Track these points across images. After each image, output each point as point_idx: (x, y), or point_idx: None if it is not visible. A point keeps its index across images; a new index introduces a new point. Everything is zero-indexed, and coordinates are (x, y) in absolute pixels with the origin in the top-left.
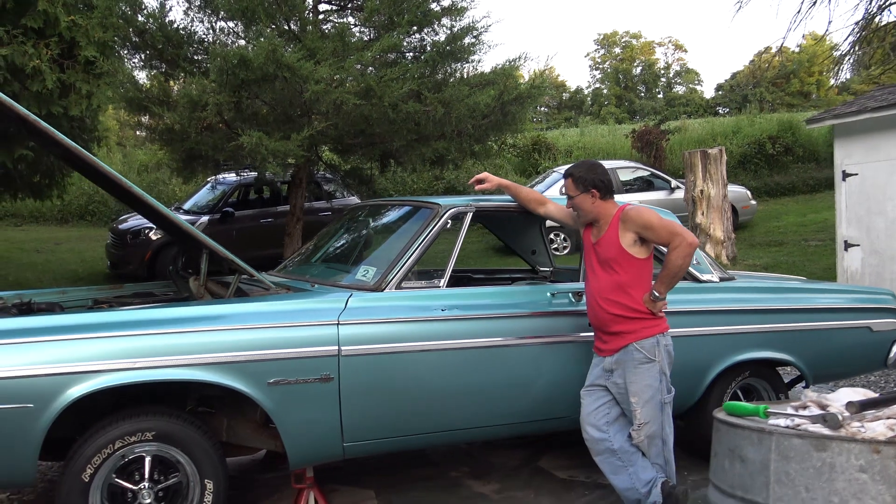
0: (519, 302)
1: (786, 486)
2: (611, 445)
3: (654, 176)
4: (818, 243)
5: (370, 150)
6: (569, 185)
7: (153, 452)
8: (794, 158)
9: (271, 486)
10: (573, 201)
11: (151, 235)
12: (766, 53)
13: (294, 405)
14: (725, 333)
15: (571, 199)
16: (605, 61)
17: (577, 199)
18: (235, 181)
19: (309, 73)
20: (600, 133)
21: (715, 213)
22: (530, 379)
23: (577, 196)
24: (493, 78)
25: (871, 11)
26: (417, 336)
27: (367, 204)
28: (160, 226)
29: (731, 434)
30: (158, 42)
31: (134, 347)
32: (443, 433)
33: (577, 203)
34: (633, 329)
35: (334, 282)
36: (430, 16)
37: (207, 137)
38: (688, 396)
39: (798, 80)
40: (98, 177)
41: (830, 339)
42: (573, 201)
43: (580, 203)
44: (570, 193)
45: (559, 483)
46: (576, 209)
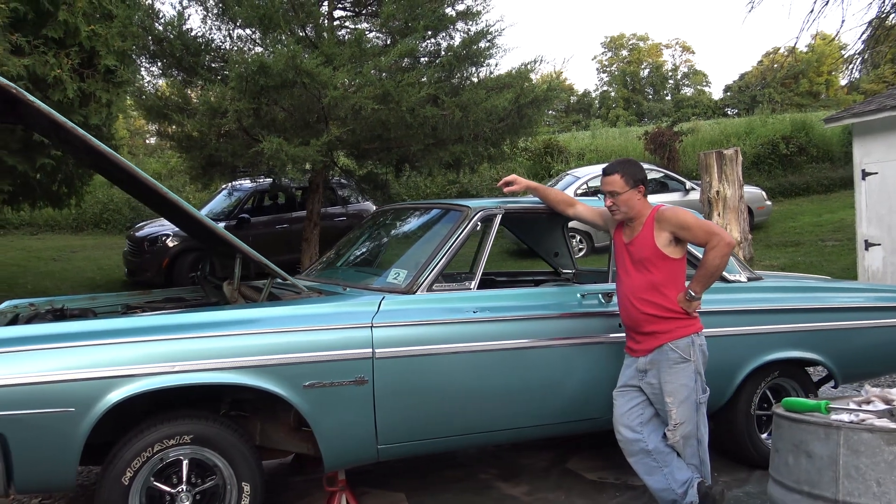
0: (549, 303)
1: (856, 481)
2: (645, 446)
3: (668, 177)
4: (835, 243)
5: (387, 155)
6: (616, 181)
7: (190, 456)
8: (808, 158)
9: (302, 490)
10: (620, 197)
11: (168, 242)
12: (776, 54)
13: (329, 408)
14: (755, 333)
15: (618, 195)
16: (613, 64)
17: (625, 196)
18: (251, 188)
19: (328, 78)
20: (611, 135)
21: (731, 214)
22: (562, 380)
23: (626, 192)
24: (508, 81)
25: (885, 10)
26: (450, 338)
27: (392, 208)
28: (191, 231)
29: (794, 430)
30: (177, 50)
31: (173, 351)
32: (476, 435)
33: (625, 199)
34: (668, 329)
35: (366, 285)
36: (445, 20)
37: (226, 144)
38: (718, 397)
39: (807, 80)
40: (130, 183)
41: (859, 339)
42: (620, 197)
43: (628, 199)
44: (618, 190)
45: (589, 484)
46: (619, 207)
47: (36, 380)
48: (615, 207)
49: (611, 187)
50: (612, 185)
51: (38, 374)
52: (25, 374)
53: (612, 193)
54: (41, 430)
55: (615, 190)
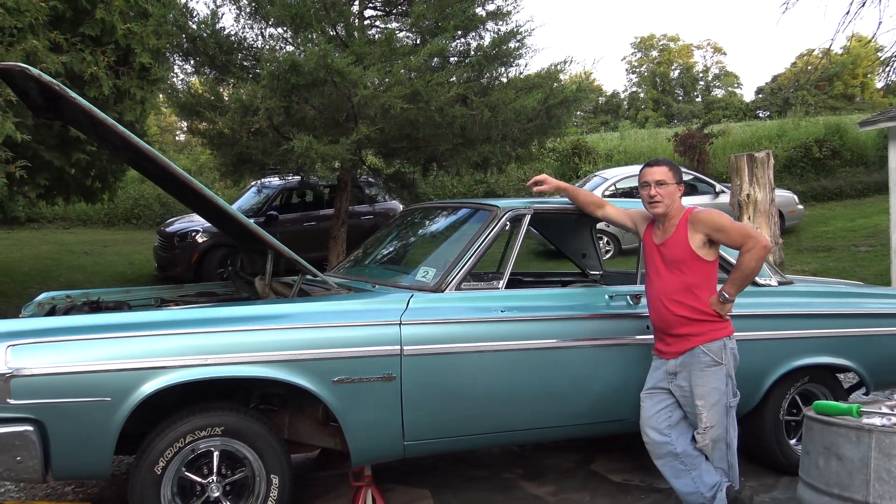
0: (577, 304)
1: (887, 484)
2: (673, 449)
3: (698, 180)
4: (868, 248)
5: (415, 154)
6: (665, 172)
7: (221, 447)
8: (842, 162)
9: (328, 484)
10: (667, 188)
11: (198, 238)
12: (810, 55)
13: (357, 403)
14: (784, 338)
15: (665, 185)
16: (642, 65)
17: (671, 188)
18: (280, 185)
19: (358, 78)
20: (640, 137)
21: (762, 217)
22: (589, 381)
23: (672, 185)
24: (538, 81)
25: None
26: (477, 337)
27: (421, 207)
28: (222, 227)
29: (825, 432)
30: (210, 49)
31: (206, 344)
32: (502, 433)
33: (671, 192)
34: (700, 332)
35: (394, 282)
36: (475, 20)
37: (257, 141)
38: (747, 401)
39: (842, 82)
40: (164, 179)
41: (891, 346)
42: (667, 188)
43: (673, 192)
44: (667, 181)
45: (615, 486)
46: (663, 198)
47: (74, 369)
48: (659, 198)
49: (660, 177)
50: (662, 175)
51: (76, 364)
52: (64, 363)
53: (660, 183)
54: (78, 418)
55: (663, 180)
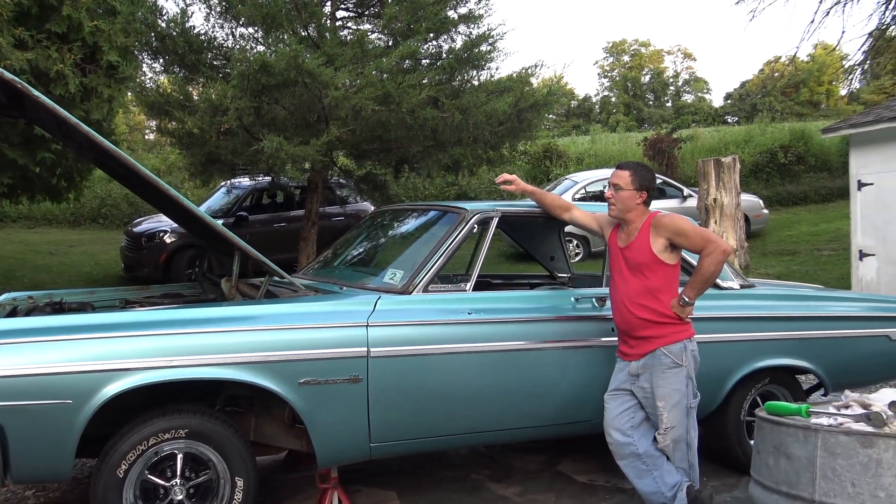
0: (544, 306)
1: (832, 482)
2: (636, 449)
3: (666, 184)
4: (831, 253)
5: (386, 156)
6: (624, 176)
7: (185, 450)
8: (807, 168)
9: (294, 487)
10: (621, 193)
11: (166, 239)
12: (777, 62)
13: (323, 405)
14: (746, 340)
15: (620, 190)
16: (614, 69)
17: (626, 193)
18: (250, 185)
19: (329, 79)
20: (611, 141)
21: (728, 221)
22: (554, 382)
23: (628, 191)
24: (509, 85)
25: (885, 22)
26: (445, 339)
27: (390, 209)
28: (189, 228)
29: (775, 432)
30: (179, 47)
31: (171, 346)
32: (468, 435)
33: (625, 197)
34: (662, 334)
35: (362, 284)
36: (448, 23)
37: (227, 142)
38: (709, 402)
39: (808, 89)
40: (131, 179)
41: (850, 348)
42: (621, 193)
43: (627, 198)
44: (622, 185)
45: (580, 487)
46: (616, 202)
47: (34, 371)
48: (613, 201)
49: (617, 180)
50: (620, 179)
51: (37, 365)
52: (24, 365)
53: (616, 187)
54: (38, 421)
55: (619, 184)
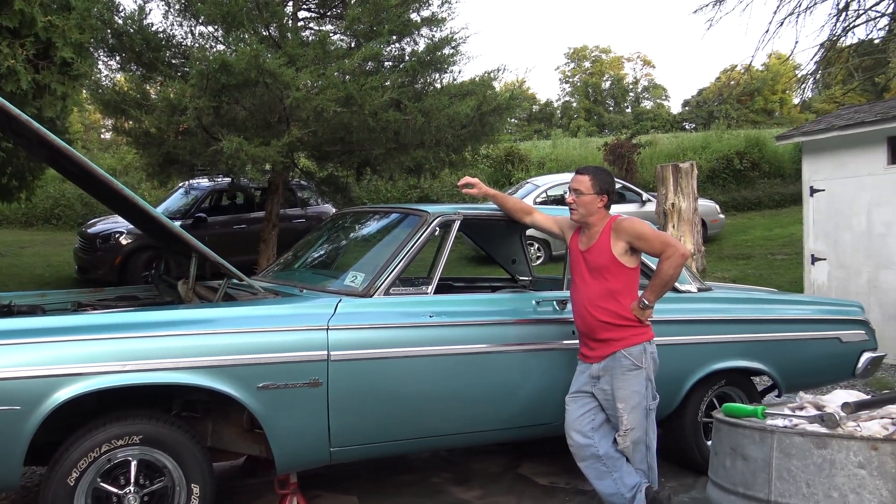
0: (505, 309)
1: (787, 482)
2: (596, 451)
3: (626, 189)
4: (784, 257)
5: (348, 158)
6: (584, 181)
7: (139, 456)
8: (761, 174)
9: (253, 492)
10: (582, 198)
11: (122, 240)
12: (733, 71)
13: (282, 410)
14: (704, 343)
15: (581, 195)
16: (575, 75)
17: (587, 198)
18: (208, 186)
19: (290, 79)
20: (572, 145)
21: (685, 226)
22: (516, 385)
23: (589, 195)
24: (471, 88)
25: (836, 33)
26: (406, 342)
27: (352, 211)
28: (145, 229)
29: (732, 434)
30: (137, 45)
31: (123, 350)
32: (429, 439)
33: (586, 202)
34: (622, 336)
35: (323, 287)
36: (410, 26)
37: (185, 142)
38: (667, 404)
39: (762, 97)
40: (84, 179)
41: (803, 350)
42: (582, 198)
43: (588, 202)
44: (583, 190)
45: (541, 489)
46: (578, 207)
47: None
48: (574, 206)
49: (578, 185)
50: (580, 184)
51: None
52: None
53: (577, 192)
54: None
55: (580, 189)
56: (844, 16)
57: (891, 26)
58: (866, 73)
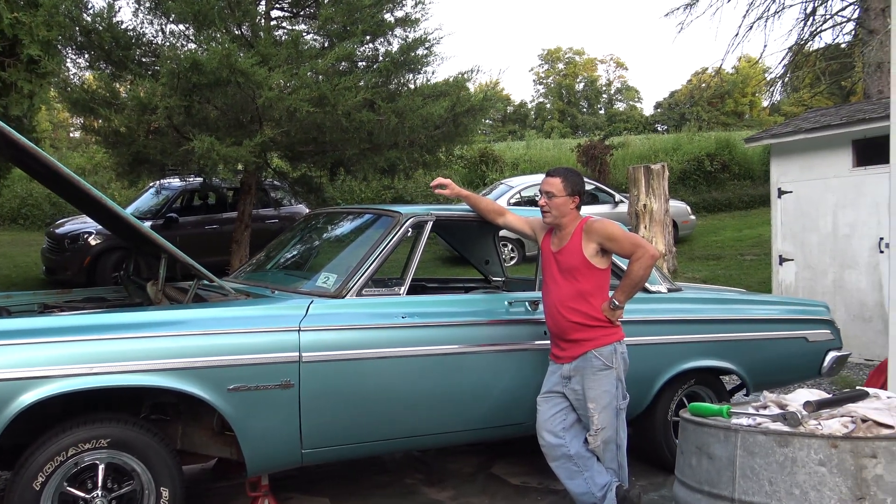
0: (477, 310)
1: (750, 480)
2: (567, 451)
3: (599, 189)
4: (753, 257)
5: (321, 158)
6: (556, 184)
7: (107, 460)
8: (731, 175)
9: (224, 495)
10: (555, 200)
11: (91, 240)
12: (704, 74)
13: (254, 412)
14: (673, 343)
15: (554, 197)
16: (549, 76)
17: (559, 200)
18: (180, 186)
19: (263, 79)
20: (545, 147)
21: (657, 226)
22: (488, 386)
23: (561, 197)
24: (445, 89)
25: (803, 37)
26: (378, 343)
27: (324, 211)
28: (114, 230)
29: (698, 433)
30: (106, 43)
31: (91, 352)
32: (402, 440)
33: (559, 204)
34: (592, 337)
35: (294, 288)
36: (384, 26)
37: (155, 141)
38: (637, 403)
39: (733, 100)
40: (51, 179)
41: (770, 349)
42: (555, 200)
43: (561, 204)
44: (556, 193)
45: (513, 489)
46: (551, 209)
47: None
48: (547, 209)
49: (549, 188)
50: (552, 186)
51: None
52: None
53: (549, 194)
54: None
55: (552, 192)
56: (812, 20)
57: (856, 31)
58: (833, 77)
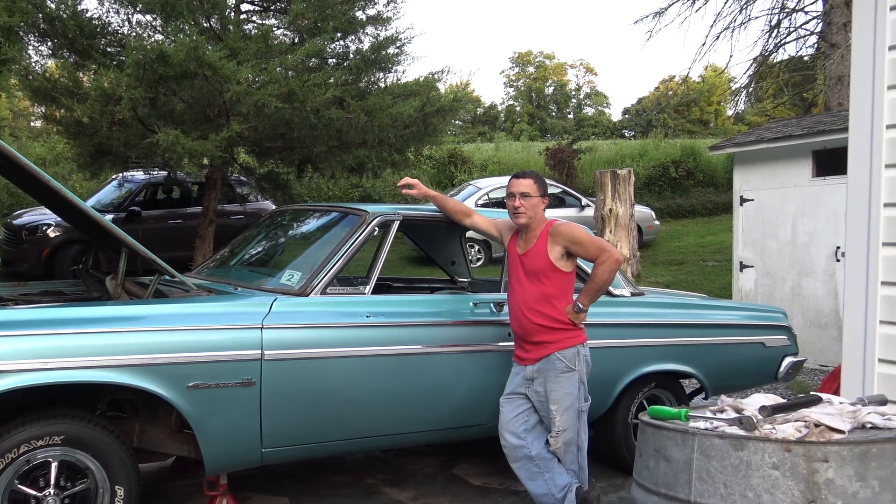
0: (442, 310)
1: (706, 483)
2: (528, 452)
3: (566, 193)
4: (715, 263)
5: (289, 155)
6: (530, 185)
7: (60, 458)
8: (695, 182)
9: (182, 494)
10: (531, 200)
11: (50, 232)
12: (671, 81)
13: (213, 410)
14: (636, 346)
15: (529, 197)
16: (520, 79)
17: (534, 200)
18: (143, 179)
19: (231, 73)
20: (514, 149)
21: (622, 231)
22: (451, 386)
23: (535, 198)
24: (415, 89)
25: (768, 49)
26: (342, 342)
27: (290, 208)
28: (73, 222)
29: (656, 436)
30: (70, 31)
31: (46, 347)
32: (364, 439)
33: (534, 204)
34: (556, 339)
35: (258, 285)
36: (355, 24)
37: (119, 133)
38: (599, 405)
39: (698, 108)
40: (8, 168)
41: (729, 354)
42: (531, 200)
43: (536, 205)
44: (531, 192)
45: (474, 490)
46: (526, 209)
47: None
48: (522, 209)
49: (524, 189)
50: (526, 187)
51: None
52: None
53: (524, 195)
54: None
55: (528, 192)
56: (776, 32)
57: (819, 45)
58: (796, 89)
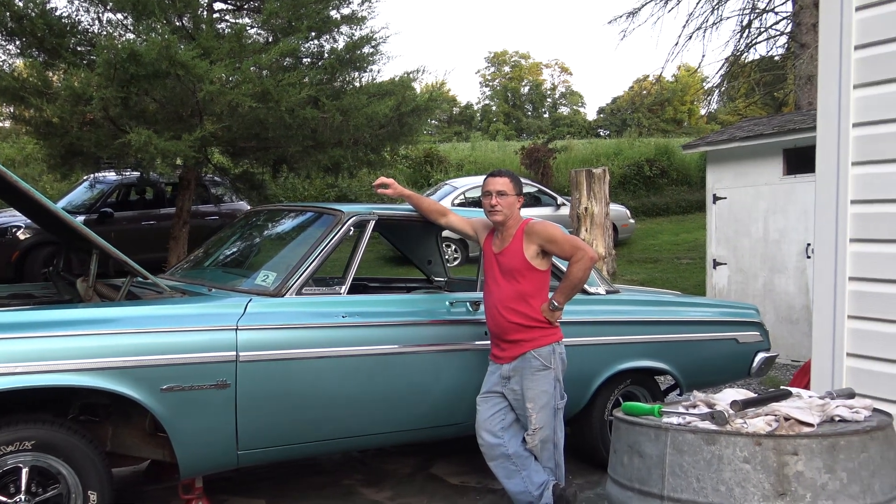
0: (418, 310)
1: (679, 478)
2: (506, 451)
3: (542, 192)
4: (689, 261)
5: (264, 155)
6: (506, 183)
7: (32, 463)
8: (669, 181)
9: (157, 498)
10: (507, 198)
11: (20, 235)
12: (645, 81)
13: (188, 412)
14: (611, 343)
15: (506, 196)
16: (495, 79)
17: (511, 199)
18: (116, 180)
19: (204, 72)
20: (490, 148)
21: (598, 230)
22: (428, 386)
23: (512, 196)
24: (390, 88)
25: (740, 49)
26: (317, 342)
27: (265, 208)
28: (43, 224)
29: (630, 432)
30: (39, 30)
31: (15, 351)
32: (341, 440)
33: (511, 203)
34: (532, 337)
35: (233, 286)
36: (330, 23)
37: (90, 133)
38: (575, 403)
39: (672, 107)
40: None
41: (703, 350)
42: (507, 198)
43: (512, 203)
44: (507, 191)
45: (452, 489)
46: (503, 207)
47: None
48: (498, 207)
49: (501, 187)
50: (502, 185)
51: None
52: None
53: (501, 193)
54: None
55: (504, 190)
56: (748, 33)
57: (789, 45)
58: (767, 88)
